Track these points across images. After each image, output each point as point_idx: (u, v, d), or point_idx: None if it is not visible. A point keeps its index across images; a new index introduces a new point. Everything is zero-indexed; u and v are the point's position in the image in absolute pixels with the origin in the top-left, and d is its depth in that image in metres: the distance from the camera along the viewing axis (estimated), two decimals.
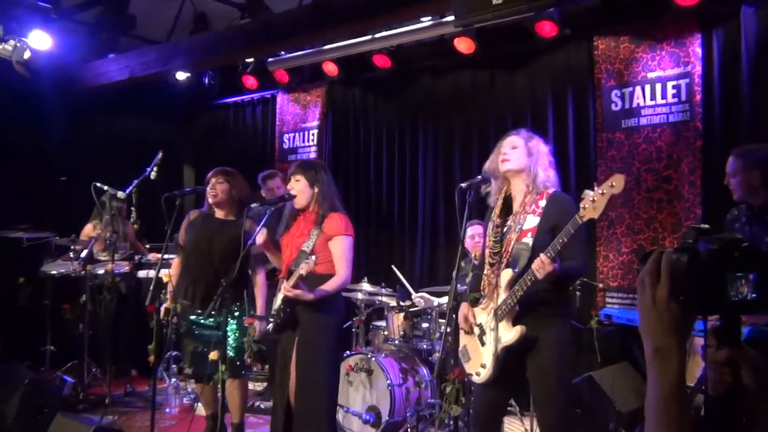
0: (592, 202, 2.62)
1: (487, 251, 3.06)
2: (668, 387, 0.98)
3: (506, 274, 2.91)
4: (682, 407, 0.98)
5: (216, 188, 4.08)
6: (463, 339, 3.15)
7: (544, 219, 2.91)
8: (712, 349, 1.04)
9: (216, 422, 3.95)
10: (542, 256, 2.72)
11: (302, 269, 3.31)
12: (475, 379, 2.99)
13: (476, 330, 3.03)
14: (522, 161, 3.02)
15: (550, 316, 2.91)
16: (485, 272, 3.05)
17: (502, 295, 2.92)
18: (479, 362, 2.98)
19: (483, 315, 3.01)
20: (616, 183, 2.61)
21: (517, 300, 2.85)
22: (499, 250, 2.99)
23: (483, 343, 2.99)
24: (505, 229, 3.02)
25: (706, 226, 1.01)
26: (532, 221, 2.93)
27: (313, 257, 3.37)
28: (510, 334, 2.88)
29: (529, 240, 2.91)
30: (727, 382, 1.02)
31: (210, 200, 4.11)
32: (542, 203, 2.95)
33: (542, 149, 3.07)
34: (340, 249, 3.55)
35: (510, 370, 2.95)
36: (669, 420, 0.98)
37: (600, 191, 2.61)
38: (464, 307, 3.11)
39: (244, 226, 3.62)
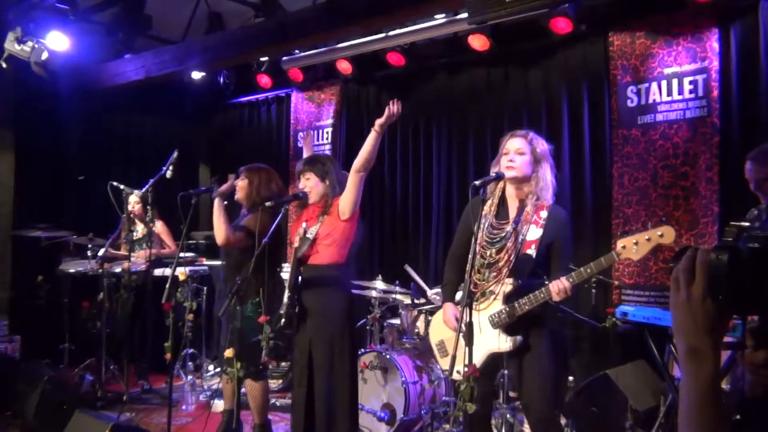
0: (635, 245, 2.66)
1: (477, 248, 3.00)
2: (702, 387, 0.96)
3: (509, 284, 2.94)
4: (717, 408, 0.96)
5: (237, 185, 4.20)
6: (443, 334, 3.23)
7: (546, 233, 2.96)
8: (749, 351, 1.01)
9: (232, 418, 3.98)
10: (565, 282, 2.79)
11: (296, 243, 3.63)
12: (455, 376, 2.99)
13: (463, 328, 3.03)
14: (527, 170, 3.03)
15: (538, 321, 2.98)
16: (475, 271, 3.02)
17: (499, 303, 2.95)
18: (462, 362, 2.98)
19: (474, 315, 2.99)
20: (666, 234, 2.62)
21: (522, 314, 2.90)
22: (496, 255, 3.00)
23: (467, 344, 2.99)
24: (503, 233, 3.02)
25: (747, 223, 0.99)
26: (535, 233, 2.96)
27: (304, 225, 3.62)
28: (507, 343, 2.95)
29: (532, 252, 2.95)
30: (765, 384, 1.00)
31: (236, 196, 4.21)
32: (543, 215, 2.98)
33: (546, 153, 3.08)
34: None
35: (492, 370, 3.10)
36: (703, 421, 0.95)
37: (646, 237, 2.64)
38: (452, 307, 3.16)
39: (259, 223, 3.65)
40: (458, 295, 3.23)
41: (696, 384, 0.96)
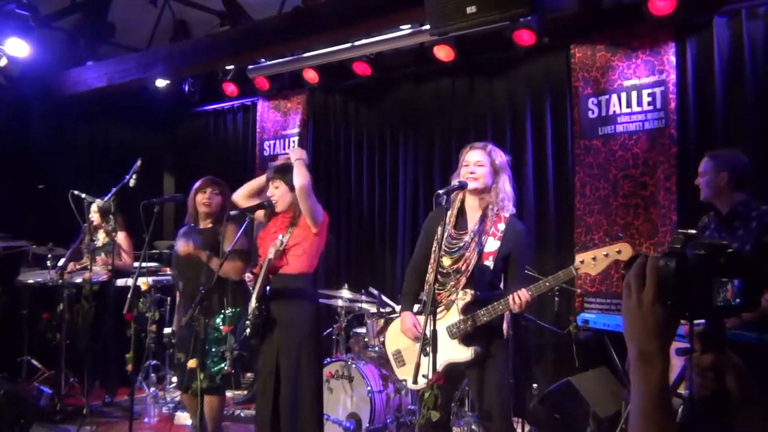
0: (593, 260, 2.75)
1: (435, 258, 3.08)
2: (652, 390, 0.99)
3: (467, 295, 2.98)
4: (666, 410, 0.99)
5: (212, 199, 4.10)
6: (400, 343, 3.26)
7: (503, 245, 3.03)
8: (696, 354, 1.04)
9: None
10: (526, 294, 2.85)
11: (270, 254, 3.48)
12: (411, 386, 3.04)
13: (420, 338, 3.05)
14: (488, 181, 3.11)
15: (492, 332, 3.04)
16: (430, 281, 3.06)
17: (457, 313, 2.99)
18: (419, 372, 2.99)
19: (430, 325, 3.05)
20: (624, 250, 2.70)
21: (481, 324, 2.95)
22: (453, 265, 3.04)
23: (426, 354, 3.01)
24: (461, 243, 3.06)
25: (694, 231, 1.03)
26: (492, 244, 3.03)
27: (281, 237, 3.52)
28: (465, 353, 2.99)
29: (490, 263, 3.01)
30: (711, 386, 1.03)
31: (202, 209, 4.10)
32: (501, 227, 3.05)
33: (505, 165, 3.15)
34: None
35: (451, 379, 3.11)
36: (652, 423, 0.98)
37: (604, 253, 2.73)
38: (410, 315, 3.18)
39: (225, 232, 3.63)
40: (416, 306, 3.26)
41: (646, 386, 0.99)
